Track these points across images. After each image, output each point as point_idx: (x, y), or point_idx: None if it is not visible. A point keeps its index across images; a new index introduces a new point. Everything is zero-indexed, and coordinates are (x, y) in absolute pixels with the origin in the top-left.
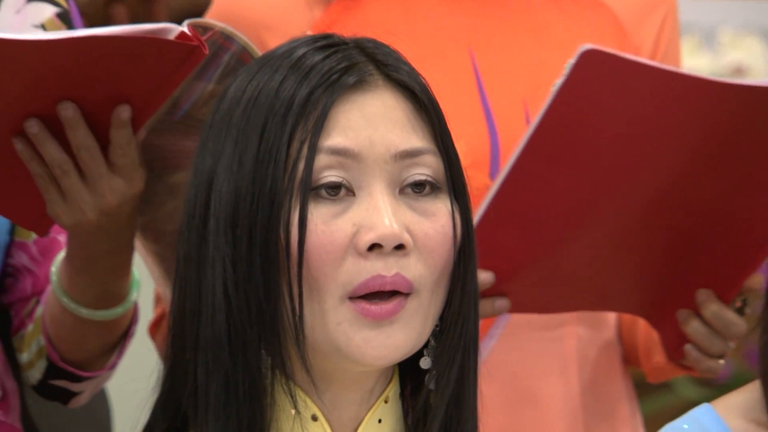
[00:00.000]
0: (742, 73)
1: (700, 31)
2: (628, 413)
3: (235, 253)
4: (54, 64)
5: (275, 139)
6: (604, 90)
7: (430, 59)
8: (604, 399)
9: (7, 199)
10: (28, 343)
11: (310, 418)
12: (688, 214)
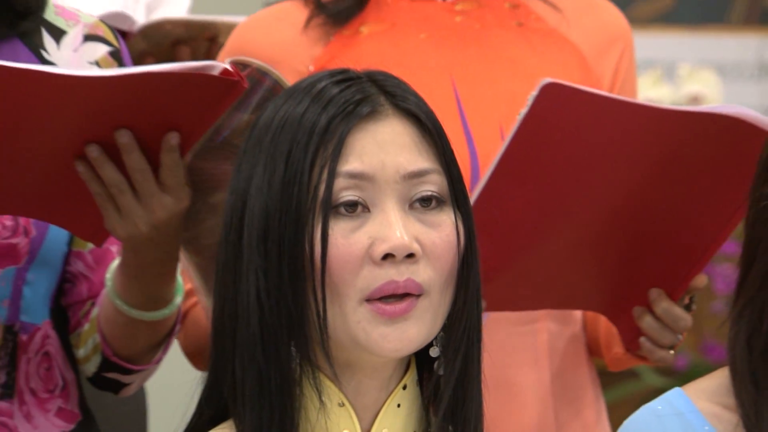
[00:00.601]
0: (699, 102)
1: (662, 66)
2: (593, 398)
3: (267, 264)
4: (113, 97)
5: (299, 164)
6: (564, 117)
7: (417, 89)
8: (571, 386)
9: (68, 214)
10: (85, 340)
11: (337, 404)
12: (641, 224)
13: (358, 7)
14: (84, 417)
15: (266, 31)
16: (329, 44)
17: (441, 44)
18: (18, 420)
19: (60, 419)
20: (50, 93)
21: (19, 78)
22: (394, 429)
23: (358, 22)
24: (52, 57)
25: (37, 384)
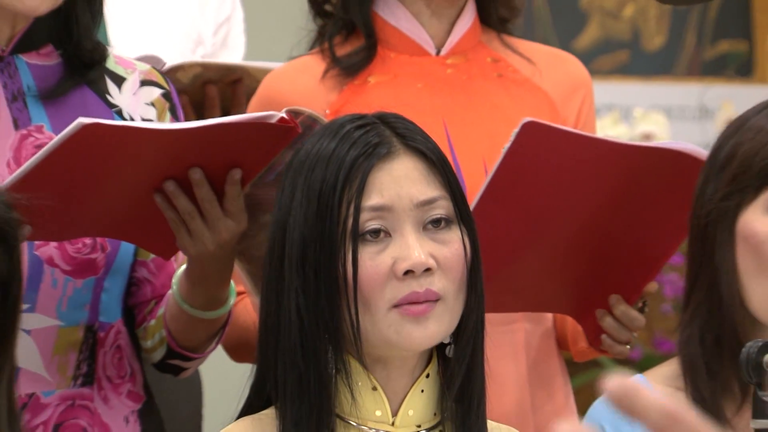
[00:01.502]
0: (650, 138)
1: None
2: (562, 384)
3: (305, 284)
4: (188, 142)
5: (329, 200)
6: (540, 150)
7: None
8: (544, 374)
9: (145, 235)
10: (152, 334)
11: (371, 389)
12: (603, 240)
13: (366, 61)
14: (147, 398)
15: (291, 81)
16: (342, 92)
17: (434, 92)
18: (97, 403)
19: (129, 400)
20: (139, 142)
21: (114, 132)
22: (417, 410)
23: (366, 74)
24: (116, 100)
25: (112, 372)
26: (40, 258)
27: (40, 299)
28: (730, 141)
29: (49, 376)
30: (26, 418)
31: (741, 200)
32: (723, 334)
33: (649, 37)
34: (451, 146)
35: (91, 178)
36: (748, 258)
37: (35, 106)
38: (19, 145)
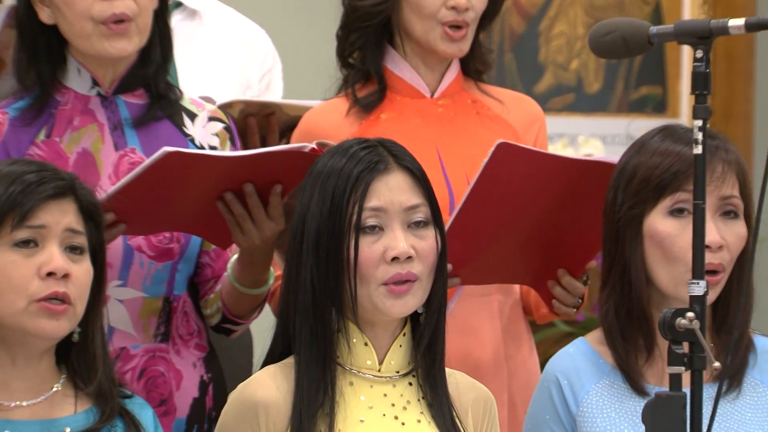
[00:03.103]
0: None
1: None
2: (527, 339)
3: (317, 263)
4: (243, 165)
5: (339, 202)
6: (509, 164)
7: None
8: (513, 333)
9: (209, 231)
10: (211, 305)
11: (363, 344)
12: (554, 229)
13: (379, 102)
14: (210, 349)
15: (323, 117)
16: (361, 125)
17: (429, 125)
18: (171, 354)
19: (196, 350)
20: (207, 164)
21: (190, 158)
22: (397, 361)
23: (379, 111)
24: (189, 131)
25: (182, 331)
26: (131, 246)
27: (130, 277)
28: (632, 161)
29: (137, 335)
30: (119, 365)
31: (644, 208)
32: (632, 307)
33: (589, 84)
34: (442, 165)
35: (171, 190)
36: (655, 251)
37: (130, 133)
38: (117, 163)
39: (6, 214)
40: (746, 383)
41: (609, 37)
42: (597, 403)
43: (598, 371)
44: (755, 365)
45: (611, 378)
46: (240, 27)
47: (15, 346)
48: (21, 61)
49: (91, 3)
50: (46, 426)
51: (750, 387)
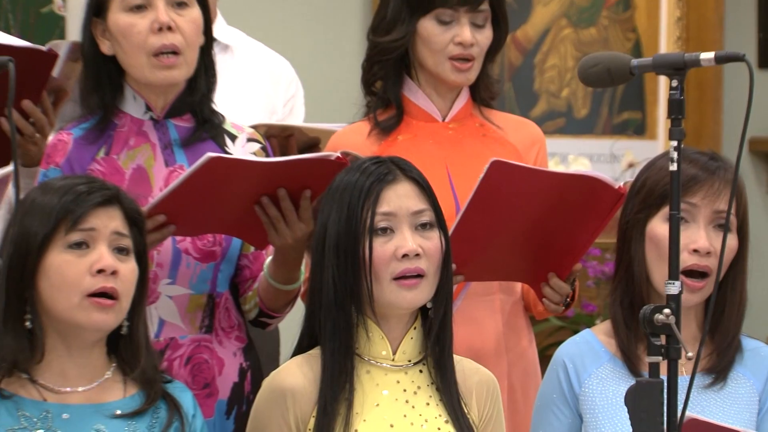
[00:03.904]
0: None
1: (559, 156)
2: (527, 332)
3: (338, 263)
4: (277, 171)
5: (355, 210)
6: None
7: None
8: (514, 327)
9: (247, 233)
10: (249, 301)
11: (380, 337)
12: (544, 235)
13: (397, 125)
14: (249, 340)
15: (348, 139)
16: (381, 145)
17: (441, 146)
18: (215, 344)
19: (237, 341)
20: (245, 170)
21: (230, 163)
22: (408, 350)
23: (396, 133)
24: (230, 150)
25: (224, 324)
26: (179, 249)
27: (178, 276)
28: (643, 175)
29: (184, 327)
30: (168, 353)
31: (648, 214)
32: (634, 300)
33: (578, 109)
34: (451, 181)
35: (214, 194)
36: (653, 251)
37: (178, 152)
38: (167, 177)
39: (60, 220)
40: (732, 377)
41: (595, 69)
42: (597, 385)
43: (599, 358)
44: (741, 362)
45: (611, 364)
46: (267, 59)
47: (70, 337)
48: (86, 88)
49: (145, 37)
50: (99, 409)
51: (735, 380)
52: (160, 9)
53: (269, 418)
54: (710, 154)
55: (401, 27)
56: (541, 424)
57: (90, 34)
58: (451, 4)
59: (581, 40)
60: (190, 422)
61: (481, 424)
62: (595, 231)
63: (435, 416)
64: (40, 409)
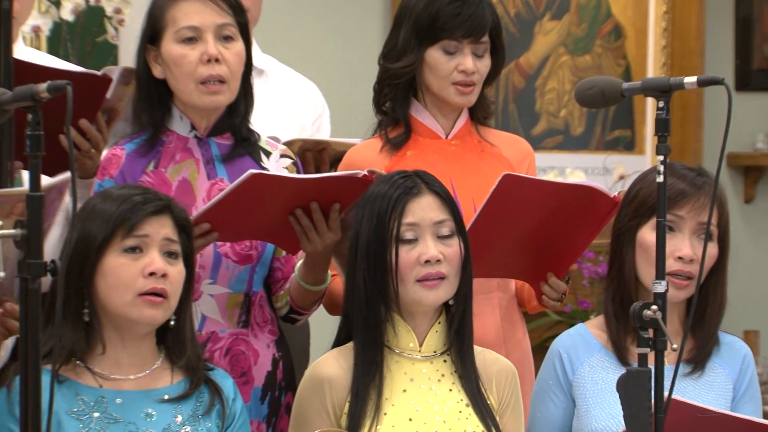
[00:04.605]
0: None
1: (558, 170)
2: (521, 326)
3: (368, 267)
4: (309, 186)
5: (383, 219)
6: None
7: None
8: (510, 320)
9: (281, 239)
10: (281, 299)
11: (406, 331)
12: (543, 238)
13: (405, 141)
14: (280, 334)
15: (362, 154)
16: (391, 159)
17: (445, 161)
18: (251, 337)
19: (270, 335)
20: (282, 185)
21: (270, 179)
22: (433, 343)
23: (405, 149)
24: (265, 164)
25: (258, 319)
26: (220, 253)
27: (219, 277)
28: (636, 186)
29: (223, 322)
30: (209, 345)
31: (639, 222)
32: (624, 297)
33: (575, 128)
34: (454, 192)
35: (253, 206)
36: (642, 255)
37: (219, 167)
38: (210, 189)
39: (117, 226)
40: (709, 367)
41: (590, 92)
42: (588, 373)
43: (591, 348)
44: (718, 354)
45: (601, 354)
46: (297, 82)
47: (124, 330)
48: (138, 107)
49: (195, 67)
50: (149, 394)
51: (712, 370)
52: (210, 42)
53: (310, 403)
54: (698, 170)
55: (410, 55)
56: (538, 408)
57: (144, 59)
58: (455, 37)
59: (577, 66)
60: (230, 405)
61: (500, 408)
62: (591, 235)
63: (457, 401)
64: (96, 395)
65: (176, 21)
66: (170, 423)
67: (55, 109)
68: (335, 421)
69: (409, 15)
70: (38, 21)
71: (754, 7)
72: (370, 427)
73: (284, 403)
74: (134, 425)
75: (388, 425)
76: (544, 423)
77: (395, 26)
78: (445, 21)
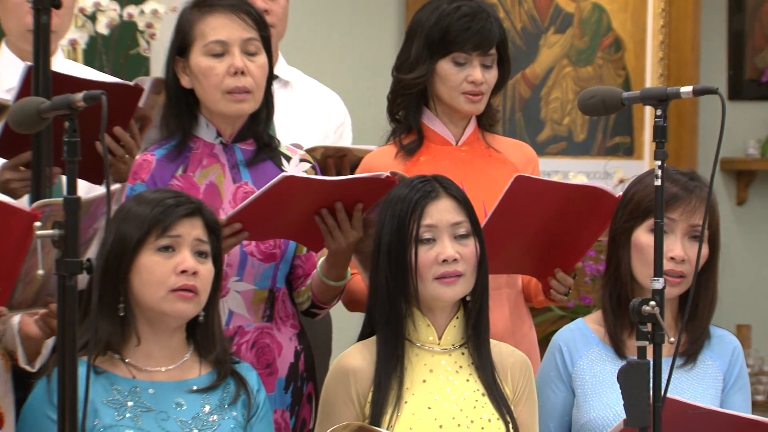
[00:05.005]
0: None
1: (562, 174)
2: (527, 319)
3: (389, 266)
4: (334, 188)
5: (404, 221)
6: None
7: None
8: (517, 314)
9: (306, 237)
10: (302, 295)
11: (426, 325)
12: (551, 237)
13: (418, 148)
14: (301, 327)
15: (378, 159)
16: (405, 165)
17: (455, 166)
18: (274, 331)
19: (292, 328)
20: (309, 187)
21: (301, 181)
22: (452, 336)
23: (418, 155)
24: (285, 168)
25: (282, 314)
26: (246, 251)
27: (245, 274)
28: (632, 189)
29: (249, 317)
30: (237, 339)
31: (634, 224)
32: (621, 294)
33: (577, 135)
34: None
35: (282, 207)
36: (636, 256)
37: (244, 171)
38: (235, 192)
39: (152, 227)
40: (700, 359)
41: (592, 101)
42: (587, 365)
43: (589, 342)
44: (709, 347)
45: (599, 348)
46: (320, 93)
47: (156, 324)
48: (167, 115)
49: (222, 79)
50: (179, 385)
51: (703, 362)
52: (236, 56)
53: (336, 393)
54: (690, 174)
55: (422, 67)
56: (540, 398)
57: (173, 70)
58: (465, 49)
59: (580, 77)
60: (254, 396)
61: (515, 398)
62: (597, 232)
63: (473, 390)
64: (130, 385)
65: (205, 35)
66: (199, 412)
67: (91, 118)
68: (359, 409)
69: (422, 29)
70: (75, 35)
71: (745, 22)
72: (391, 415)
73: (306, 392)
74: (165, 414)
75: (408, 413)
76: (545, 412)
77: (408, 40)
78: (455, 35)
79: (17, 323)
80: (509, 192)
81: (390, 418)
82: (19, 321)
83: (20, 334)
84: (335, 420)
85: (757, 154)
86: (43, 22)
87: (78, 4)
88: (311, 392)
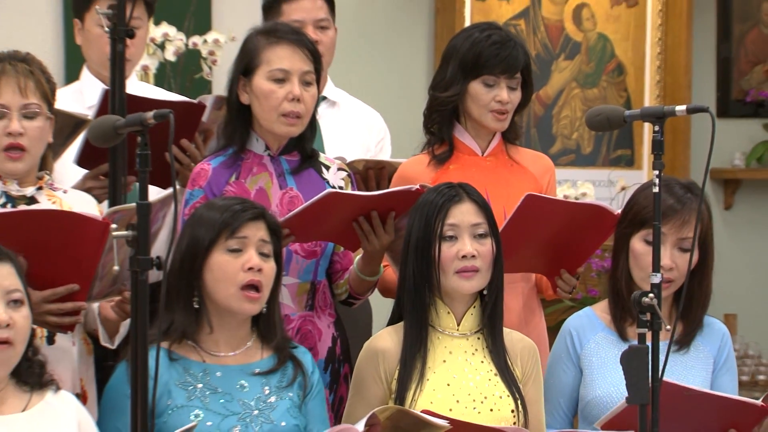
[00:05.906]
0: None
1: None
2: (539, 311)
3: (416, 261)
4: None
5: (430, 221)
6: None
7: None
8: (530, 307)
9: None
10: (341, 287)
11: (446, 313)
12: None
13: (448, 158)
14: (337, 316)
15: (412, 168)
16: (437, 173)
17: (481, 174)
18: (315, 319)
19: (329, 317)
20: (350, 200)
21: (343, 195)
22: (469, 323)
23: (449, 164)
24: (325, 176)
25: (321, 304)
26: (290, 250)
27: (290, 269)
28: (634, 198)
29: (294, 306)
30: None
31: (632, 231)
32: (621, 289)
33: (584, 148)
34: (489, 200)
35: (325, 215)
36: (632, 260)
37: (289, 178)
38: (281, 197)
39: (222, 230)
40: (693, 346)
41: (598, 118)
42: (594, 348)
43: (596, 328)
44: (701, 334)
45: (605, 333)
46: (363, 111)
47: (225, 316)
48: (226, 126)
49: (280, 102)
50: (244, 368)
51: (695, 348)
52: (296, 85)
53: (366, 371)
54: (688, 186)
55: (456, 86)
56: (551, 377)
57: (235, 87)
58: (494, 73)
59: (587, 98)
60: (309, 377)
61: (524, 378)
62: (598, 242)
63: (487, 370)
64: (201, 368)
65: (270, 62)
66: (260, 394)
67: (161, 132)
68: (387, 385)
69: (456, 53)
70: (147, 61)
71: (732, 49)
72: (415, 390)
73: (342, 373)
74: (230, 395)
75: (429, 389)
76: (556, 389)
77: (443, 62)
78: (486, 60)
79: (97, 306)
80: (520, 208)
81: (414, 393)
82: (99, 305)
83: (100, 316)
84: (365, 394)
85: (743, 165)
86: (119, 50)
87: (149, 35)
88: (347, 373)
